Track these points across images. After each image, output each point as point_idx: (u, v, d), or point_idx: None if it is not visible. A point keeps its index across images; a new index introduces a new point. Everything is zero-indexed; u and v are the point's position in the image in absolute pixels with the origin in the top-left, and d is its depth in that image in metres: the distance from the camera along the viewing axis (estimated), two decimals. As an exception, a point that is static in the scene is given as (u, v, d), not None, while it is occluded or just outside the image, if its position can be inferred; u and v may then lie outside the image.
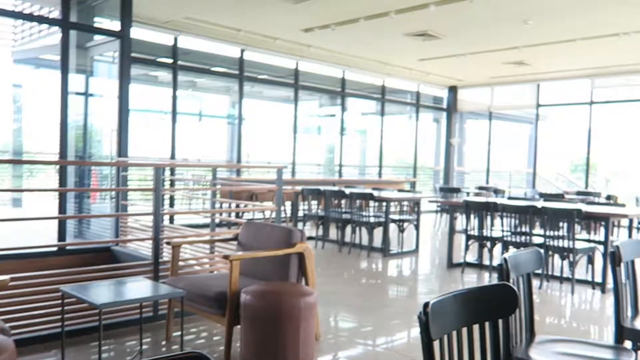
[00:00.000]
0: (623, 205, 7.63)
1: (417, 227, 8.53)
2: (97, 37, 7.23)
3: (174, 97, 9.69)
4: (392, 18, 8.12)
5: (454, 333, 1.73)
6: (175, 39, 9.68)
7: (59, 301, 3.68)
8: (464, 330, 1.78)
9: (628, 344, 2.90)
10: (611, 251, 2.97)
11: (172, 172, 8.47)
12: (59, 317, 3.71)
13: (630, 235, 6.91)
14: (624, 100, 12.83)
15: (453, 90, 15.36)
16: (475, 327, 1.83)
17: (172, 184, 8.71)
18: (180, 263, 4.53)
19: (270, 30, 9.50)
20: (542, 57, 10.83)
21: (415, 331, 4.66)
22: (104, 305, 3.21)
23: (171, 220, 8.43)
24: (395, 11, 7.93)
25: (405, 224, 8.53)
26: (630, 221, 6.79)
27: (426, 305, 1.61)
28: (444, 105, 15.61)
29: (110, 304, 3.29)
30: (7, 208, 9.74)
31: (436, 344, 1.64)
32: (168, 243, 4.26)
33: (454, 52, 10.66)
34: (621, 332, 2.93)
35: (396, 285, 6.62)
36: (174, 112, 9.70)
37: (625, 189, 15.19)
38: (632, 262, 3.15)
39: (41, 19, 6.77)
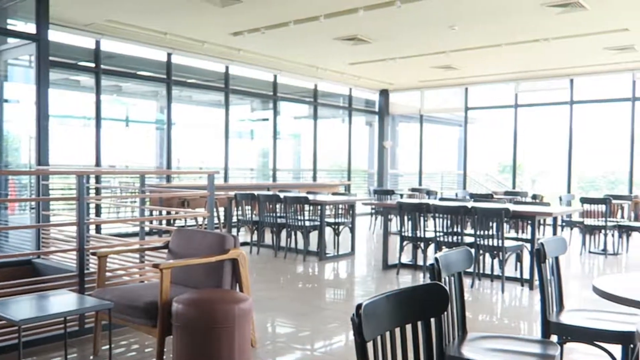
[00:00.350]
0: (548, 204, 7.94)
1: (352, 229, 8.58)
2: (12, 40, 6.85)
3: (98, 102, 9.33)
4: (321, 22, 8.14)
5: (387, 334, 1.73)
6: (98, 43, 9.33)
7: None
8: (397, 330, 1.78)
9: (554, 338, 2.98)
10: (536, 249, 3.06)
11: (98, 180, 8.15)
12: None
13: (554, 233, 7.19)
14: (547, 103, 13.39)
15: (384, 93, 15.60)
16: (408, 327, 1.83)
17: (98, 192, 8.40)
18: (108, 274, 4.34)
19: (197, 33, 9.32)
20: (468, 61, 11.15)
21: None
22: (23, 322, 3.03)
23: (98, 230, 8.11)
24: (324, 15, 7.95)
25: (341, 227, 8.56)
26: (555, 219, 7.06)
27: (359, 307, 1.61)
28: (376, 109, 15.82)
29: (30, 319, 3.11)
30: None
31: (370, 345, 1.63)
32: (94, 253, 4.07)
33: (383, 56, 10.81)
34: (547, 327, 3.01)
35: (333, 288, 6.61)
36: (98, 118, 9.33)
37: (549, 188, 15.86)
38: (556, 259, 3.25)
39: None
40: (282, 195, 8.42)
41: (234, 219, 9.18)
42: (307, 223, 8.09)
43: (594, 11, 7.56)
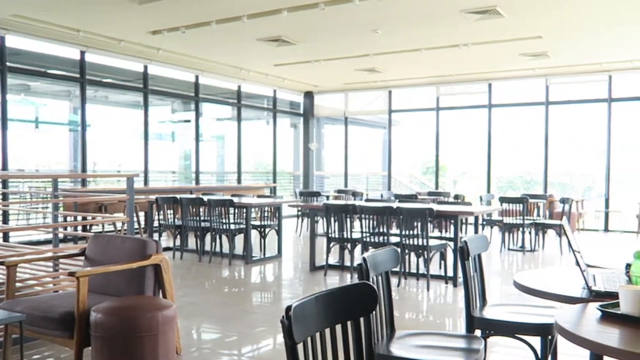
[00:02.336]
0: (469, 204, 8.19)
1: (278, 232, 8.51)
2: None
3: (3, 102, 8.76)
4: (244, 22, 8.03)
5: (317, 335, 1.72)
6: (2, 38, 8.78)
7: None
8: (327, 331, 1.77)
9: (478, 332, 3.05)
10: (460, 246, 3.12)
11: (5, 185, 7.67)
12: None
13: (476, 231, 7.42)
14: (467, 106, 13.84)
15: (309, 95, 15.64)
16: (338, 327, 1.81)
17: (5, 197, 7.92)
18: (18, 284, 4.08)
19: (114, 31, 8.96)
20: (391, 64, 11.36)
21: (281, 337, 4.59)
22: None
23: (6, 238, 7.63)
24: (247, 15, 7.85)
25: (267, 230, 8.48)
26: (476, 218, 7.28)
27: (288, 309, 1.58)
28: (301, 111, 15.84)
29: None
30: None
31: (300, 347, 1.60)
32: (1, 263, 3.81)
33: (308, 58, 10.82)
34: (471, 322, 3.08)
35: (260, 291, 6.53)
36: (4, 119, 8.76)
37: (470, 189, 16.41)
38: (479, 256, 3.34)
39: None
40: (205, 198, 8.23)
41: (155, 224, 8.90)
42: (232, 226, 7.96)
43: (509, 19, 7.87)
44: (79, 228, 6.76)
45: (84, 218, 6.92)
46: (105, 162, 11.29)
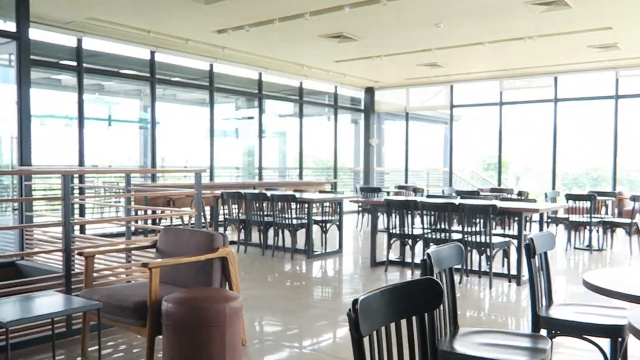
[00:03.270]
0: (534, 201, 7.99)
1: (339, 227, 8.57)
2: (-10, 39, 6.73)
3: (80, 102, 9.20)
4: (307, 19, 8.11)
5: (383, 329, 1.73)
6: (79, 41, 9.21)
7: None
8: (392, 325, 1.78)
9: (543, 332, 3.00)
10: (526, 243, 3.07)
11: (82, 180, 8.05)
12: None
13: (541, 229, 7.24)
14: (532, 100, 13.49)
15: (370, 91, 15.61)
16: (403, 322, 1.83)
17: (81, 192, 8.31)
18: (95, 274, 4.29)
19: (181, 31, 9.25)
20: (453, 59, 11.20)
21: (342, 331, 4.65)
22: (11, 323, 2.98)
23: (82, 230, 8.02)
24: (310, 13, 7.92)
25: (328, 225, 8.55)
26: (541, 216, 7.11)
27: (355, 302, 1.60)
28: (362, 107, 15.84)
29: (17, 321, 3.06)
30: None
31: (365, 340, 1.62)
32: (80, 254, 4.02)
33: (369, 53, 10.81)
34: (537, 321, 3.04)
35: (321, 286, 6.61)
36: (81, 117, 9.21)
37: (533, 186, 15.99)
38: (545, 254, 3.27)
39: None
40: (269, 193, 8.39)
41: (221, 218, 9.14)
42: (294, 221, 8.07)
43: (578, 9, 7.62)
44: (149, 221, 7.02)
45: (154, 212, 7.19)
46: (172, 158, 11.65)
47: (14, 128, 6.31)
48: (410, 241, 6.90)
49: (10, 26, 6.40)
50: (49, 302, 3.47)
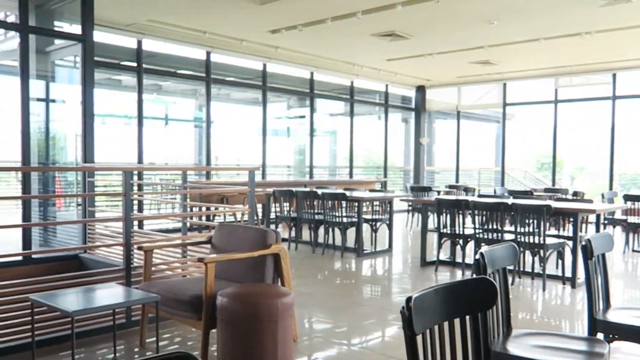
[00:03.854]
0: (590, 201, 7.78)
1: (389, 226, 8.56)
2: (58, 42, 7.03)
3: (140, 101, 9.52)
4: (359, 18, 8.14)
5: (436, 327, 1.73)
6: (139, 42, 9.51)
7: (29, 310, 3.57)
8: (445, 324, 1.78)
9: (600, 335, 2.94)
10: (583, 245, 3.01)
11: (140, 177, 8.31)
12: (29, 326, 3.60)
13: (597, 231, 7.04)
14: (589, 98, 13.11)
15: (421, 90, 15.49)
16: (456, 321, 1.83)
17: (140, 188, 8.59)
18: (152, 269, 4.44)
19: (236, 31, 9.42)
20: (507, 56, 11.00)
21: (391, 330, 4.66)
22: (76, 313, 3.12)
23: (140, 225, 8.29)
24: (362, 11, 7.94)
25: (378, 224, 8.56)
26: (598, 217, 6.92)
27: (409, 300, 1.61)
28: (413, 105, 15.73)
29: (82, 311, 3.21)
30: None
31: (418, 338, 1.63)
32: (140, 248, 4.17)
33: (421, 52, 10.75)
34: (594, 325, 2.98)
35: (370, 284, 6.62)
36: (140, 116, 9.52)
37: (589, 186, 15.53)
38: (603, 256, 3.20)
39: (-2, 24, 6.59)
40: (319, 191, 8.46)
41: (272, 215, 9.26)
42: (344, 219, 8.11)
43: (639, 3, 7.38)
44: (203, 218, 7.19)
45: (207, 208, 7.36)
46: (225, 157, 11.87)
47: (78, 127, 6.59)
48: (461, 241, 6.84)
49: (76, 29, 6.68)
50: (110, 294, 3.62)
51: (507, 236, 6.41)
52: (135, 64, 9.56)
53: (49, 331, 3.95)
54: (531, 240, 6.16)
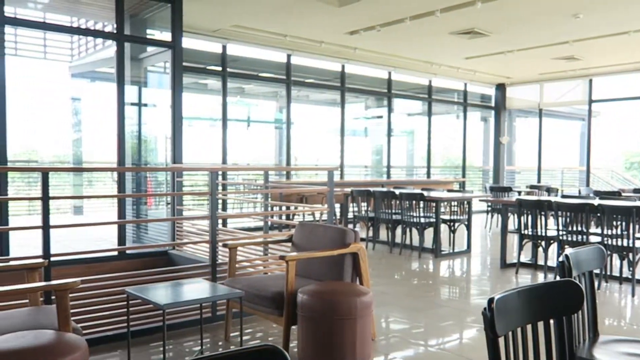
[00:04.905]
0: (684, 202, 7.36)
1: (468, 227, 8.45)
2: (150, 49, 7.44)
3: (224, 104, 9.86)
4: (437, 17, 8.07)
5: (519, 330, 1.72)
6: (224, 47, 9.86)
7: (124, 302, 3.81)
8: (528, 327, 1.76)
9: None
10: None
11: (224, 177, 8.62)
12: (124, 317, 3.84)
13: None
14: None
15: (501, 88, 15.13)
16: (540, 324, 1.81)
17: (223, 188, 8.91)
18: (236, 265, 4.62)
19: (315, 34, 9.58)
20: (593, 51, 10.56)
21: (470, 332, 4.62)
22: (167, 306, 3.30)
23: (223, 223, 8.59)
24: (440, 10, 7.88)
25: (456, 224, 8.45)
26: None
27: (491, 301, 1.61)
28: (492, 104, 15.39)
29: (172, 304, 3.38)
30: (68, 216, 10.14)
31: (501, 340, 1.63)
32: (225, 245, 4.35)
33: (501, 49, 10.51)
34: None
35: (448, 285, 6.57)
36: (224, 119, 9.86)
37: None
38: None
39: (97, 33, 7.02)
40: (397, 191, 8.46)
41: (350, 215, 9.35)
42: (422, 220, 8.08)
43: None
44: (283, 217, 7.37)
45: (287, 208, 7.53)
46: (304, 157, 12.06)
47: (167, 129, 6.95)
48: (543, 243, 6.66)
49: (166, 36, 7.05)
50: (198, 289, 3.80)
51: (593, 238, 6.18)
52: (220, 68, 9.91)
53: (142, 322, 4.19)
54: (619, 243, 5.91)
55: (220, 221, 8.48)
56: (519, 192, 11.17)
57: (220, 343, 4.21)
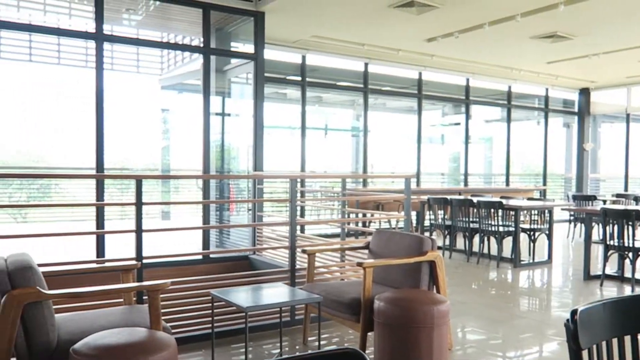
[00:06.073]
0: None
1: (549, 236, 8.21)
2: (233, 61, 7.75)
3: (303, 113, 10.08)
4: (518, 21, 7.92)
5: (604, 344, 1.68)
6: (304, 57, 10.08)
7: (209, 304, 4.00)
8: (614, 340, 1.72)
9: None
10: None
11: (302, 184, 8.80)
12: (209, 319, 4.03)
13: None
14: None
15: (585, 92, 14.57)
16: (626, 339, 1.77)
17: (302, 195, 9.10)
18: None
19: (393, 42, 9.61)
20: (686, 52, 10.02)
21: (550, 345, 4.52)
22: (249, 309, 3.44)
23: (301, 230, 8.77)
24: (521, 14, 7.72)
25: (537, 234, 8.23)
26: None
27: (574, 312, 1.58)
28: (575, 109, 14.84)
29: (254, 307, 3.52)
30: (157, 221, 10.66)
31: (584, 354, 1.60)
32: (304, 251, 4.46)
33: (585, 52, 10.15)
34: None
35: (528, 297, 6.42)
36: (303, 127, 10.08)
37: None
38: None
39: (185, 47, 7.40)
40: (474, 199, 8.35)
41: (427, 223, 9.29)
42: (500, 228, 7.93)
43: None
44: (359, 224, 7.44)
45: (364, 215, 7.60)
46: (380, 164, 12.09)
47: (249, 138, 7.22)
48: (630, 254, 6.39)
49: (249, 48, 7.33)
50: (278, 293, 3.92)
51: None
52: (299, 78, 10.13)
53: (225, 324, 4.37)
54: None
55: (298, 227, 8.71)
56: (604, 201, 10.72)
57: (298, 347, 4.32)
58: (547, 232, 8.22)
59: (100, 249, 6.06)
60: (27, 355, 2.84)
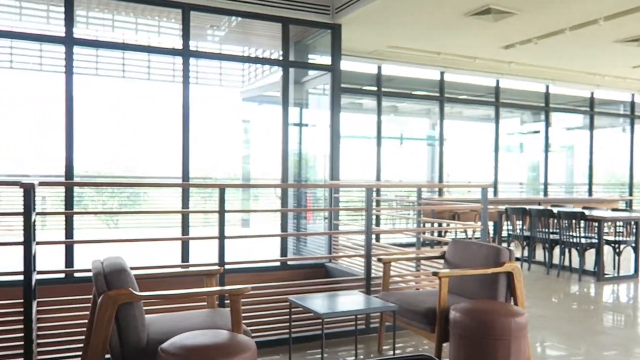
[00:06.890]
0: None
1: (636, 249, 7.86)
2: (311, 72, 7.96)
3: (379, 122, 10.15)
4: (600, 25, 7.66)
5: None
6: (379, 67, 10.17)
7: (286, 310, 4.13)
8: None
9: None
10: None
11: (378, 193, 8.85)
12: (287, 324, 4.17)
13: None
14: None
15: (677, 97, 13.81)
16: None
17: (377, 204, 9.16)
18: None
19: (469, 50, 9.53)
20: None
21: (637, 362, 4.36)
22: (326, 315, 3.54)
23: (376, 238, 8.82)
24: (604, 17, 7.48)
25: (622, 246, 7.90)
26: None
27: None
28: (665, 115, 14.09)
29: (331, 314, 3.62)
30: (237, 228, 11.03)
31: None
32: (380, 260, 4.52)
33: (677, 54, 9.67)
34: None
35: (612, 312, 6.19)
36: (379, 137, 10.15)
37: None
38: None
39: (265, 61, 7.71)
40: (555, 210, 8.12)
41: (504, 233, 9.11)
42: (582, 240, 7.67)
43: None
44: (435, 233, 7.42)
45: (439, 225, 7.55)
46: (456, 174, 11.95)
47: (326, 148, 7.38)
48: None
49: (326, 60, 7.53)
50: (353, 301, 4.00)
51: None
52: (375, 88, 10.22)
53: (301, 329, 4.50)
54: None
55: (373, 236, 8.77)
56: (698, 213, 10.12)
57: (372, 355, 4.37)
58: (633, 244, 7.88)
59: (185, 254, 6.35)
60: (120, 353, 3.05)
